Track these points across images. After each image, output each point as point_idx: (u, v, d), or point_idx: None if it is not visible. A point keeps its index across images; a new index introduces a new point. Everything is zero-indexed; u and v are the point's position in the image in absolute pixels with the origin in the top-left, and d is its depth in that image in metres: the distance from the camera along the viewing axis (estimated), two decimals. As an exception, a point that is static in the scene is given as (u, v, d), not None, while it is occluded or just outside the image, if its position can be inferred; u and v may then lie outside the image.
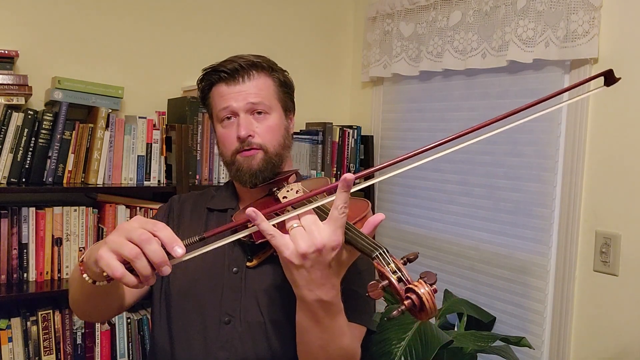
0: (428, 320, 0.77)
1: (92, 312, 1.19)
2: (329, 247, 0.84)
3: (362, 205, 0.97)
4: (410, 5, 2.36)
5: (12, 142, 1.88)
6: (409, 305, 0.73)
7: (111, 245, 0.84)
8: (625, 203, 1.70)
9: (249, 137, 1.16)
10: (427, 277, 0.75)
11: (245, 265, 1.14)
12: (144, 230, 0.83)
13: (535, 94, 1.96)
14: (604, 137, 1.76)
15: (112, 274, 0.83)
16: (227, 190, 1.30)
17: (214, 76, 1.19)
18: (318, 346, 0.98)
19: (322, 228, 0.85)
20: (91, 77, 2.09)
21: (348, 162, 2.55)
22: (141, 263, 0.82)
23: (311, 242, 0.84)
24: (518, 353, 1.88)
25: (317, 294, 0.89)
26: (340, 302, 0.94)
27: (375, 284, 0.77)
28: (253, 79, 1.18)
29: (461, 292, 2.20)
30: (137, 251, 0.82)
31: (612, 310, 1.74)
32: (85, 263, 0.96)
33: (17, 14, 2.07)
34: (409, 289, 0.74)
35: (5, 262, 1.90)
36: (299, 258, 0.85)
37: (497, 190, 2.10)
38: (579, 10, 1.73)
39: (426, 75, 2.37)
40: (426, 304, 0.73)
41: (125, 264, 0.83)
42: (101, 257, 0.84)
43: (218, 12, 2.47)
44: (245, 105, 1.16)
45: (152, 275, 0.83)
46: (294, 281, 0.89)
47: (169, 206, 1.31)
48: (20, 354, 1.89)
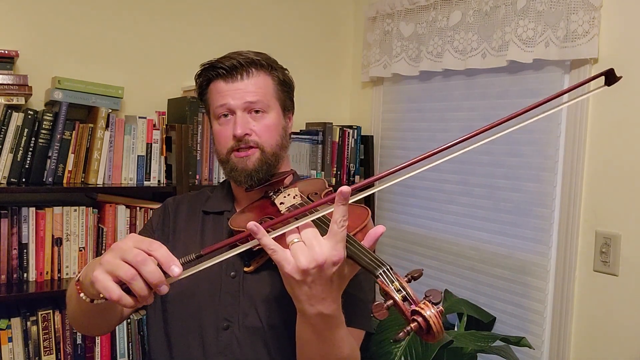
0: (436, 342, 0.77)
1: (92, 328, 1.18)
2: (329, 262, 0.83)
3: (362, 214, 0.95)
4: (410, 5, 2.36)
5: (12, 142, 1.88)
6: (415, 328, 0.73)
7: (106, 267, 0.83)
8: (625, 203, 1.70)
9: (245, 136, 1.14)
10: (432, 296, 0.74)
11: (243, 270, 1.13)
12: (139, 251, 0.82)
13: (535, 94, 1.96)
14: (604, 137, 1.76)
15: (109, 296, 0.82)
16: (223, 190, 1.29)
17: (212, 72, 1.18)
18: (319, 356, 0.98)
19: (323, 243, 0.83)
20: (91, 77, 2.09)
21: (348, 162, 2.55)
22: (138, 284, 0.81)
23: (312, 257, 0.82)
24: (518, 353, 1.88)
25: (318, 308, 0.88)
26: (341, 314, 0.93)
27: (380, 304, 0.76)
28: (252, 77, 1.16)
29: (461, 292, 2.20)
30: (132, 272, 0.81)
31: (612, 310, 1.74)
32: (82, 283, 0.95)
33: (17, 14, 2.07)
34: (415, 312, 0.73)
35: (5, 262, 1.90)
36: (300, 274, 0.83)
37: (497, 190, 2.10)
38: (579, 10, 1.73)
39: (426, 75, 2.37)
40: (433, 327, 0.72)
41: (121, 284, 0.82)
42: (97, 279, 0.83)
43: (218, 12, 2.47)
44: (242, 103, 1.15)
45: (150, 294, 0.82)
46: (295, 296, 0.88)
47: (163, 210, 1.28)
48: (20, 354, 1.89)
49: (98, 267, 0.84)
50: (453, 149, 0.92)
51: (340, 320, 0.94)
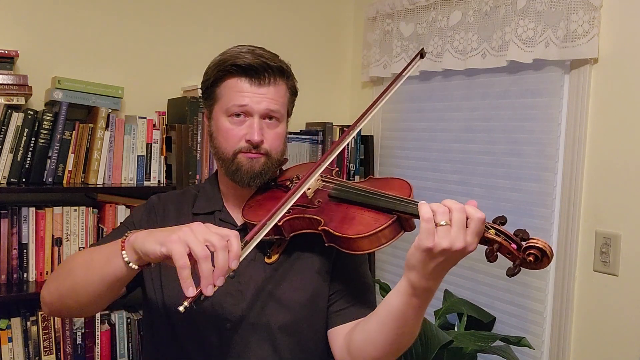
0: (548, 265, 0.91)
1: (89, 303, 1.07)
2: (466, 251, 0.90)
3: (405, 187, 1.10)
4: (410, 5, 2.36)
5: (12, 142, 1.88)
6: (533, 259, 0.87)
7: (185, 237, 0.86)
8: (625, 203, 1.70)
9: (260, 143, 1.15)
10: (523, 234, 0.92)
11: (264, 262, 1.15)
12: (221, 237, 0.87)
13: (535, 94, 1.96)
14: (604, 137, 1.76)
15: (177, 257, 0.85)
16: (212, 189, 1.27)
17: (235, 67, 1.15)
18: (410, 334, 1.03)
19: (468, 233, 0.90)
20: (91, 77, 2.09)
21: (348, 162, 2.55)
22: (208, 266, 0.84)
23: (453, 243, 0.89)
24: (518, 353, 1.88)
25: (430, 284, 0.94)
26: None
27: (491, 250, 0.91)
28: (276, 85, 1.16)
29: (461, 292, 2.20)
30: (208, 253, 0.85)
31: (612, 310, 1.74)
32: (132, 243, 0.94)
33: (17, 14, 2.07)
34: (528, 247, 0.89)
35: (5, 262, 1.90)
36: (439, 253, 0.89)
37: (497, 190, 2.10)
38: (579, 10, 1.73)
39: (426, 75, 2.37)
40: (548, 252, 0.87)
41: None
42: (172, 240, 0.86)
43: (218, 12, 2.47)
44: (263, 110, 1.15)
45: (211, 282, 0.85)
46: (417, 268, 0.93)
47: (149, 207, 1.26)
48: (20, 354, 1.89)
49: (177, 232, 0.88)
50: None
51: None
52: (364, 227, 1.01)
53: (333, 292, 1.18)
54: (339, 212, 1.07)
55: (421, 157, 2.43)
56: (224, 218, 1.22)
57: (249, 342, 1.11)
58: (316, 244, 1.13)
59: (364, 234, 1.00)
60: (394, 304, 0.99)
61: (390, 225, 1.01)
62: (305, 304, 1.14)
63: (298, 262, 1.17)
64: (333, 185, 1.15)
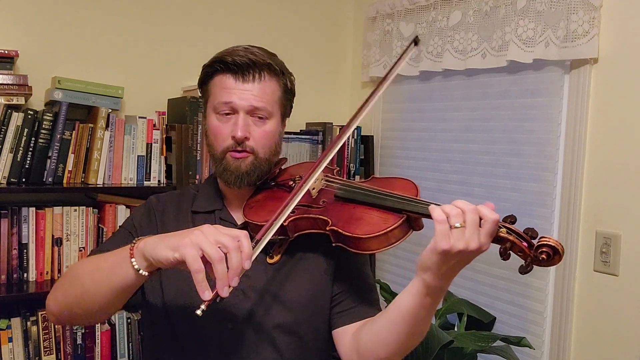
0: (560, 261, 0.93)
1: (95, 311, 1.08)
2: (480, 250, 0.91)
3: (411, 187, 1.11)
4: (410, 5, 2.36)
5: (12, 142, 1.88)
6: (546, 257, 0.90)
7: (197, 240, 0.86)
8: (625, 203, 1.70)
9: (244, 140, 1.14)
10: (532, 232, 0.93)
11: (266, 262, 1.15)
12: (233, 238, 0.87)
13: (535, 94, 1.96)
14: (604, 137, 1.76)
15: (191, 261, 0.85)
16: (212, 189, 1.27)
17: (222, 65, 1.15)
18: (420, 333, 1.04)
19: (482, 234, 0.91)
20: (91, 77, 2.09)
21: (348, 162, 2.55)
22: (222, 268, 0.85)
23: (467, 245, 0.90)
24: (518, 353, 1.88)
25: (442, 283, 0.96)
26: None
27: (504, 248, 0.92)
28: (262, 81, 1.15)
29: (461, 292, 2.20)
30: (221, 255, 0.85)
31: (612, 310, 1.74)
32: (141, 249, 0.94)
33: (17, 14, 2.07)
34: (540, 245, 0.91)
35: (5, 262, 1.90)
36: (454, 254, 0.90)
37: (497, 190, 2.10)
38: (579, 10, 1.73)
39: (426, 75, 2.37)
40: (559, 249, 0.90)
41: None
42: (185, 244, 0.86)
43: (218, 12, 2.47)
44: (248, 106, 1.14)
45: (225, 283, 0.86)
46: (431, 269, 0.94)
47: (148, 207, 1.26)
48: (20, 354, 1.89)
49: (188, 236, 0.88)
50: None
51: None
52: (373, 227, 1.01)
53: (337, 293, 1.18)
54: (345, 212, 1.07)
55: (421, 157, 2.43)
56: (225, 217, 1.22)
57: (251, 342, 1.11)
58: (318, 244, 1.13)
59: (374, 234, 1.00)
60: (406, 305, 1.00)
61: (400, 225, 1.01)
62: (307, 304, 1.14)
63: (301, 262, 1.17)
64: (338, 185, 1.14)
